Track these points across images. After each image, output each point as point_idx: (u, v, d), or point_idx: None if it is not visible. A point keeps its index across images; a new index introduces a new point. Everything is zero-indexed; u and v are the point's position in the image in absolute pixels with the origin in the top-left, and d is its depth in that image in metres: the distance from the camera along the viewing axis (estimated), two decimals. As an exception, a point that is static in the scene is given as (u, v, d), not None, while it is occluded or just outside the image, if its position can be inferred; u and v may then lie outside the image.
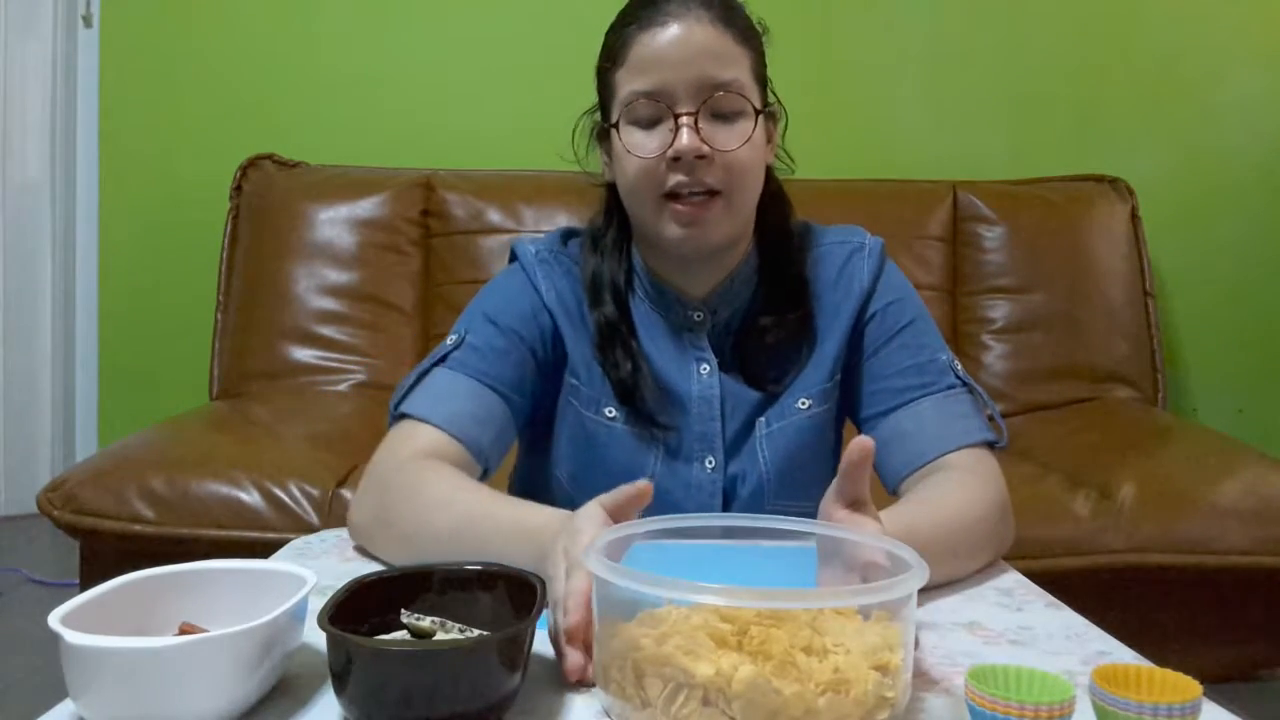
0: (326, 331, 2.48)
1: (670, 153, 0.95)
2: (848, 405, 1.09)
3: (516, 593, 0.69)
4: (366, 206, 2.56)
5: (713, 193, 0.97)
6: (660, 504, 0.83)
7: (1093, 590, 1.43)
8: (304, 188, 2.59)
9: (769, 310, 1.05)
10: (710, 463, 1.04)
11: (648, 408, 1.03)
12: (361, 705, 0.59)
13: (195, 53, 2.80)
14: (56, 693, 0.63)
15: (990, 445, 1.01)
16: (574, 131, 1.07)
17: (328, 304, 2.50)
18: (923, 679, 0.69)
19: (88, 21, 2.86)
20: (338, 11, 2.83)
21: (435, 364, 1.02)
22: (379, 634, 0.66)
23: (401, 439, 0.98)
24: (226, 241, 2.57)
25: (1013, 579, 0.93)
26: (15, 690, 1.82)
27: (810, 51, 2.81)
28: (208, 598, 0.69)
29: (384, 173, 2.64)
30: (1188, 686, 0.56)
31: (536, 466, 1.13)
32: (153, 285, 2.83)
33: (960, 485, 0.96)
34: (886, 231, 1.16)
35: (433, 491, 0.91)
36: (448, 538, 0.87)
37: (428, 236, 2.59)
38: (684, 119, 0.95)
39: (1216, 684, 0.68)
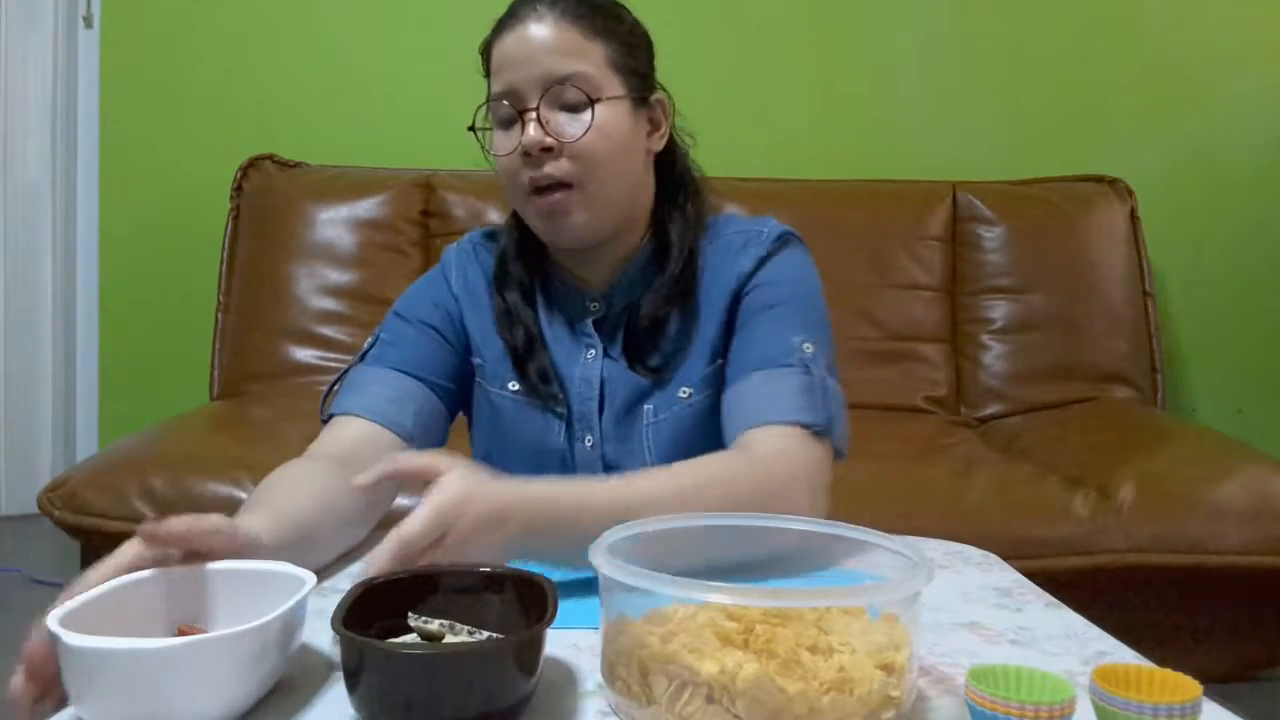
0: (326, 331, 2.48)
1: (519, 149, 0.98)
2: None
3: (525, 594, 0.68)
4: (366, 206, 2.56)
5: (566, 185, 0.99)
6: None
7: (1093, 590, 1.42)
8: (304, 188, 2.59)
9: (651, 299, 1.06)
10: (589, 441, 1.07)
11: (538, 378, 1.06)
12: (375, 707, 0.59)
13: (195, 52, 2.80)
14: (57, 693, 0.62)
15: (809, 429, 0.94)
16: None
17: (328, 304, 2.50)
18: (923, 679, 0.69)
19: (88, 22, 2.86)
20: (338, 12, 2.83)
21: (354, 365, 1.08)
22: (388, 638, 0.65)
23: (323, 436, 1.01)
24: (227, 241, 2.57)
25: (1013, 579, 0.93)
26: (15, 690, 1.82)
27: (810, 51, 2.79)
28: (208, 598, 0.69)
29: (384, 173, 2.64)
30: (1188, 686, 0.56)
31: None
32: (153, 285, 2.82)
33: (703, 462, 0.91)
34: (886, 231, 1.15)
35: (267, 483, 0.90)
36: None
37: (428, 236, 2.59)
38: (529, 114, 0.98)
39: (1216, 684, 0.68)
